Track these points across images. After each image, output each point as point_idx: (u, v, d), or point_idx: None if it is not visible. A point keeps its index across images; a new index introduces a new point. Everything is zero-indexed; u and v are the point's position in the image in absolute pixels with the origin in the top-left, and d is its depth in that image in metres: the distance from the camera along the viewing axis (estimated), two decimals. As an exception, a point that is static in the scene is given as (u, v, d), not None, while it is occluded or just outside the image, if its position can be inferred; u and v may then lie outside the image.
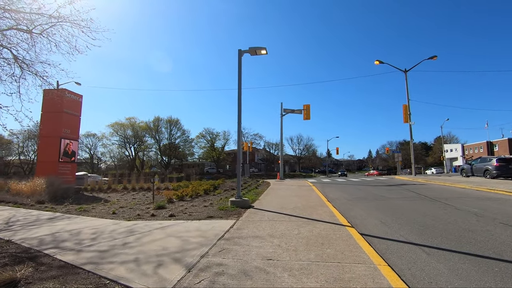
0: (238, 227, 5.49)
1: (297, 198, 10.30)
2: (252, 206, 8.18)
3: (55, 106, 18.08)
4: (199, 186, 14.18)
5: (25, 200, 12.37)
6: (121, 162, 66.65)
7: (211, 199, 11.09)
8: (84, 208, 9.18)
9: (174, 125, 64.58)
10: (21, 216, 7.92)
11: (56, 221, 6.84)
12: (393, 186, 15.50)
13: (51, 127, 18.19)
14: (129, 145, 63.57)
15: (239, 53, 8.77)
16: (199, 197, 12.12)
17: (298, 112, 23.95)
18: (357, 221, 6.31)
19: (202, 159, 71.27)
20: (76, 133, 20.13)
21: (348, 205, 8.83)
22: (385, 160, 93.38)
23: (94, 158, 64.31)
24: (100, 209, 8.98)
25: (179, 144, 65.73)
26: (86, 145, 62.63)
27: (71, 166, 19.47)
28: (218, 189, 14.79)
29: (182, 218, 6.77)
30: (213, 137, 64.75)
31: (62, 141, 18.55)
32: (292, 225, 5.62)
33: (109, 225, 6.06)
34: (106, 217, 7.42)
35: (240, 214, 6.98)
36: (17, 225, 6.49)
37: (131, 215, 7.53)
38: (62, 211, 8.96)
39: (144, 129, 63.17)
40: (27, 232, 5.56)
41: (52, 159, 18.09)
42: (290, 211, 7.43)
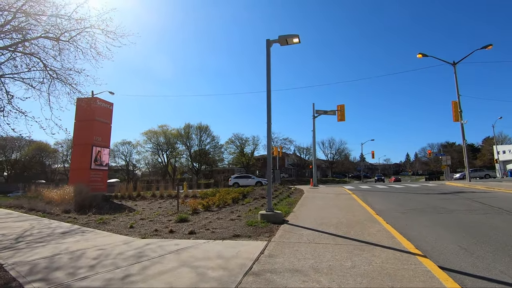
0: (270, 254, 4.28)
1: (338, 210, 8.83)
2: (286, 221, 6.91)
3: (87, 114, 18.31)
4: (226, 194, 13.19)
5: (54, 209, 12.23)
6: (154, 169, 68.57)
7: (239, 209, 9.99)
8: (104, 220, 8.53)
9: (204, 132, 65.11)
10: (38, 229, 7.40)
11: (67, 237, 6.13)
12: (448, 195, 13.32)
13: (83, 135, 18.42)
14: (161, 152, 65.18)
15: (267, 43, 7.66)
16: (226, 207, 11.10)
17: (332, 113, 22.23)
18: (427, 246, 4.79)
19: (232, 165, 70.99)
20: (107, 140, 20.25)
21: (404, 220, 7.21)
22: (425, 164, 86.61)
23: (130, 165, 66.78)
24: (119, 221, 8.27)
25: (208, 150, 66.09)
26: (122, 153, 65.32)
27: (102, 174, 19.54)
28: (247, 198, 13.70)
29: (203, 236, 5.71)
30: (242, 143, 64.24)
31: (93, 149, 18.66)
32: (341, 252, 4.29)
33: (119, 245, 5.17)
34: (121, 232, 6.60)
35: (272, 232, 5.75)
36: (26, 241, 5.86)
37: (148, 230, 6.64)
38: (81, 222, 8.39)
39: (176, 136, 64.43)
40: (28, 253, 4.82)
41: (84, 167, 18.23)
42: (334, 228, 6.05)
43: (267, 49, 7.65)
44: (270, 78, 7.58)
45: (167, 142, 64.43)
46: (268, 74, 7.60)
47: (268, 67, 7.64)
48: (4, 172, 66.28)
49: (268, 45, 7.63)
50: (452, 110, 21.70)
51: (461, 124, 21.25)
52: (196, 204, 10.35)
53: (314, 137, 23.39)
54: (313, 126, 23.04)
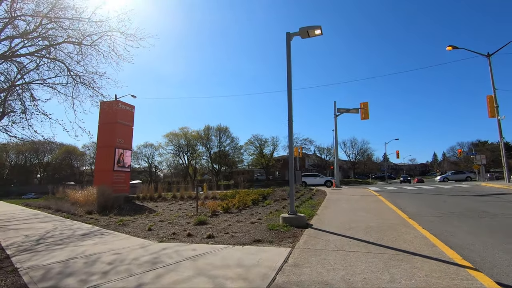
0: (295, 263, 3.87)
1: (366, 213, 8.22)
2: (310, 225, 6.44)
3: (109, 117, 18.74)
4: (246, 196, 12.87)
5: (78, 210, 12.47)
6: (176, 170, 69.88)
7: (259, 211, 9.62)
8: (124, 222, 8.47)
9: (223, 133, 65.49)
10: (60, 230, 7.43)
11: (86, 239, 6.04)
12: (487, 197, 12.23)
13: (106, 138, 18.85)
14: (182, 154, 66.30)
15: (288, 37, 7.25)
16: (246, 209, 10.77)
17: (354, 112, 21.32)
18: (475, 256, 4.18)
19: (251, 166, 70.93)
20: (129, 142, 20.62)
21: (442, 224, 6.52)
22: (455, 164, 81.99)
23: (152, 167, 68.50)
24: (138, 223, 8.17)
25: (228, 152, 66.40)
26: (145, 155, 67.19)
27: (125, 175, 19.89)
28: (268, 199, 13.31)
29: (222, 241, 5.39)
30: (261, 144, 63.93)
31: (116, 151, 19.03)
32: (376, 262, 3.79)
33: (135, 249, 4.96)
34: (139, 234, 6.44)
35: (296, 238, 5.32)
36: (46, 243, 5.82)
37: (166, 233, 6.42)
38: (102, 224, 8.38)
39: (196, 138, 65.31)
40: (46, 256, 4.72)
41: (108, 168, 18.62)
42: (363, 233, 5.52)
43: (287, 43, 7.24)
44: (290, 73, 7.17)
45: (188, 144, 65.46)
46: (288, 70, 7.19)
47: (288, 62, 7.23)
48: (37, 174, 70.27)
49: (288, 39, 7.22)
50: (487, 105, 20.14)
51: (498, 120, 19.63)
52: (215, 206, 10.11)
53: (336, 137, 22.59)
54: (334, 125, 22.24)
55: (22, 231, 7.52)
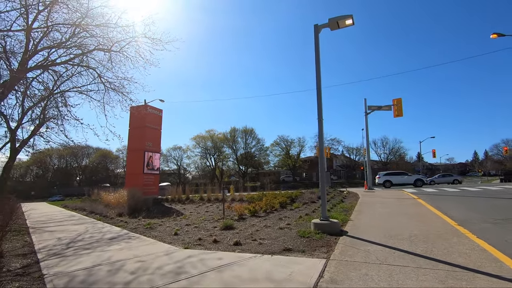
0: (332, 278, 3.40)
1: (408, 219, 7.46)
2: (345, 232, 5.89)
3: (139, 121, 19.28)
4: (273, 198, 12.45)
5: (110, 212, 12.83)
6: (203, 172, 71.14)
7: (288, 215, 9.18)
8: (152, 225, 8.44)
9: (249, 135, 65.55)
10: (90, 233, 7.53)
11: (113, 244, 5.99)
12: (548, 200, 10.76)
13: (136, 141, 19.40)
14: (209, 156, 67.32)
15: (316, 29, 6.77)
16: (274, 212, 10.38)
17: (387, 109, 20.07)
18: (555, 275, 3.44)
19: (278, 167, 70.28)
20: (157, 146, 21.08)
21: (500, 233, 5.65)
22: (499, 163, 75.43)
23: (181, 169, 70.31)
24: (165, 227, 8.08)
25: (254, 153, 66.36)
26: (174, 157, 69.10)
27: (154, 177, 20.33)
28: (296, 202, 12.80)
29: (249, 248, 5.04)
30: (287, 145, 63.12)
31: (145, 154, 19.52)
32: (430, 280, 3.22)
33: (160, 256, 4.76)
34: (165, 239, 6.29)
35: (330, 247, 4.83)
36: (75, 247, 5.85)
37: (192, 238, 6.21)
38: (130, 227, 8.42)
39: (222, 140, 66.02)
40: (73, 261, 4.67)
41: (138, 171, 19.14)
42: (408, 243, 4.89)
43: (315, 36, 6.75)
44: (319, 68, 6.68)
45: (214, 146, 66.36)
46: (317, 64, 6.71)
47: (317, 57, 6.75)
48: (77, 177, 75.07)
49: (316, 31, 6.74)
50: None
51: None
52: (242, 209, 9.82)
53: (367, 136, 21.40)
54: (365, 124, 21.10)
55: (56, 233, 7.73)
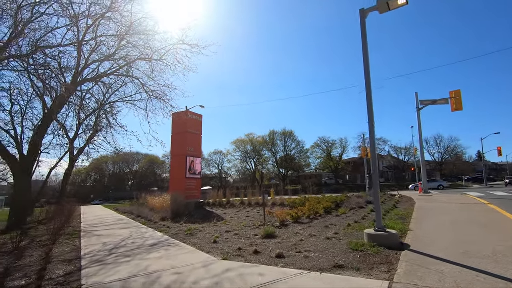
0: (401, 310, 2.70)
1: (481, 228, 6.24)
2: (407, 246, 5.00)
3: (180, 127, 19.83)
4: (317, 203, 11.66)
5: (154, 216, 13.17)
6: (244, 176, 71.88)
7: (334, 222, 8.39)
8: (192, 231, 8.30)
9: (288, 137, 64.65)
10: (133, 239, 7.59)
11: (153, 251, 5.86)
12: None
13: (178, 147, 19.95)
14: (249, 159, 67.80)
15: (361, 14, 6.01)
16: (318, 218, 9.64)
17: (443, 102, 17.88)
18: None
19: (319, 170, 68.11)
20: (198, 150, 21.46)
21: None
22: None
23: (222, 173, 71.86)
24: (205, 233, 7.86)
25: (294, 156, 65.20)
26: (215, 161, 70.90)
27: (196, 182, 20.68)
28: (342, 207, 11.86)
29: (294, 262, 4.47)
30: (328, 146, 60.84)
31: (187, 159, 19.95)
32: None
33: (197, 268, 4.44)
34: (204, 247, 6.00)
35: (391, 265, 4.05)
36: (117, 253, 5.83)
37: (232, 247, 5.83)
38: (171, 232, 8.37)
39: (261, 143, 66.07)
40: (111, 270, 4.57)
41: (180, 176, 19.61)
42: (492, 262, 3.91)
43: (361, 22, 5.99)
44: (367, 56, 5.90)
45: (254, 149, 66.69)
46: (365, 53, 5.93)
47: (364, 44, 5.97)
48: (128, 181, 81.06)
49: (362, 16, 5.97)
50: None
51: None
52: (284, 215, 9.25)
53: (420, 133, 19.22)
54: (417, 120, 18.97)
55: (103, 238, 7.95)
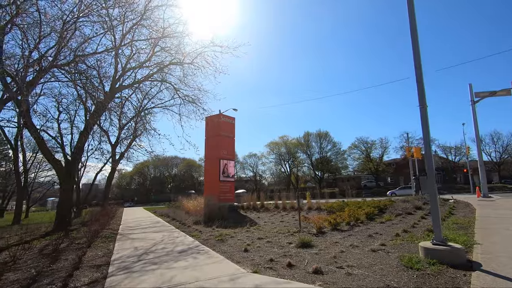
0: None
1: None
2: (477, 265, 4.05)
3: (213, 130, 19.93)
4: (357, 208, 10.67)
5: (188, 219, 13.16)
6: (279, 178, 71.14)
7: (378, 231, 7.47)
8: (223, 237, 7.94)
9: (324, 138, 62.68)
10: (164, 244, 7.43)
11: (181, 259, 5.56)
12: None
13: (212, 150, 20.02)
14: (284, 162, 66.95)
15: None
16: (360, 225, 8.74)
17: (503, 94, 15.57)
18: None
19: (357, 172, 64.92)
20: (232, 153, 21.35)
21: None
22: None
23: (257, 176, 71.84)
24: (236, 240, 7.44)
25: (330, 157, 62.96)
26: (250, 164, 71.17)
27: (230, 185, 20.55)
28: (386, 213, 10.74)
29: (334, 281, 3.81)
30: (368, 147, 57.66)
31: (221, 162, 19.91)
32: None
33: (223, 282, 3.99)
34: (234, 257, 5.56)
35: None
36: (146, 260, 5.63)
37: (263, 258, 5.31)
38: (203, 238, 8.10)
39: (296, 146, 64.88)
40: (135, 280, 4.32)
41: (215, 179, 19.62)
42: None
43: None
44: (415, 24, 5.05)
45: (288, 152, 65.73)
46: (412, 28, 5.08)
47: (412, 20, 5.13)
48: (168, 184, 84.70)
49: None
50: None
51: None
52: (321, 221, 8.50)
53: (476, 129, 16.80)
54: (472, 115, 16.66)
55: (136, 242, 7.93)
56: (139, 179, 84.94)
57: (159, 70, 13.73)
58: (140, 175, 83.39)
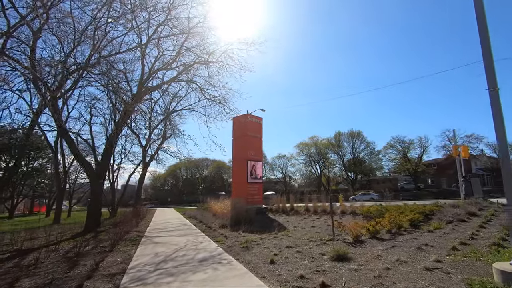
0: None
1: None
2: None
3: (241, 131, 19.50)
4: (399, 214, 9.45)
5: (214, 222, 12.75)
6: (309, 180, 69.34)
7: (428, 242, 6.38)
8: (249, 243, 7.32)
9: (356, 138, 59.89)
10: (185, 250, 6.98)
11: (199, 270, 5.02)
12: None
13: (239, 151, 19.59)
14: (314, 163, 65.09)
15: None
16: (403, 234, 7.67)
17: None
18: None
19: (394, 173, 61.09)
20: (259, 154, 20.77)
21: None
22: None
23: (286, 177, 70.63)
24: (263, 248, 6.77)
25: (363, 158, 59.96)
26: (279, 166, 70.16)
27: (258, 186, 19.98)
28: (433, 220, 9.44)
29: (383, 311, 3.00)
30: (405, 146, 53.88)
31: (248, 163, 19.41)
32: None
33: (244, 305, 3.34)
34: (258, 269, 4.90)
35: None
36: (162, 270, 5.18)
37: (292, 272, 4.58)
38: (227, 244, 7.54)
39: (326, 146, 62.76)
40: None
41: (242, 181, 19.15)
42: None
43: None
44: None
45: (319, 152, 63.79)
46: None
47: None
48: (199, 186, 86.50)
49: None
50: None
51: None
52: (357, 229, 7.55)
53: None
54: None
55: (158, 246, 7.59)
56: (172, 180, 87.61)
57: (184, 69, 13.56)
58: (173, 177, 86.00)
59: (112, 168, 24.07)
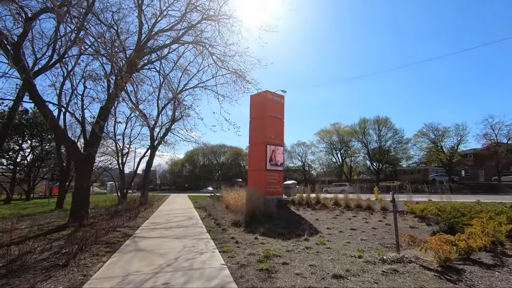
0: None
1: None
2: None
3: (259, 111, 16.84)
4: (488, 220, 6.50)
5: (226, 217, 10.40)
6: (329, 169, 66.03)
7: None
8: (270, 261, 4.81)
9: (383, 125, 55.49)
10: (174, 267, 4.55)
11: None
12: None
13: (257, 133, 16.97)
14: (335, 151, 61.59)
15: None
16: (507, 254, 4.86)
17: None
18: None
19: (422, 164, 56.33)
20: (280, 138, 18.03)
21: None
22: None
23: (306, 166, 67.64)
24: (293, 275, 4.21)
25: (390, 147, 55.63)
26: (298, 154, 67.17)
27: (278, 175, 17.38)
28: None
29: None
30: (438, 135, 49.12)
31: (267, 148, 16.78)
32: None
33: None
34: None
35: None
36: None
37: None
38: (237, 260, 5.05)
39: (350, 133, 58.86)
40: None
41: (260, 168, 16.61)
42: None
43: None
44: None
45: (341, 140, 60.12)
46: None
47: None
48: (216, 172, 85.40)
49: None
50: None
51: None
52: (443, 247, 4.76)
53: None
54: None
55: (137, 259, 5.21)
56: (190, 166, 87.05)
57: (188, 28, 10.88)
58: (191, 163, 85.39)
59: (122, 151, 22.38)
